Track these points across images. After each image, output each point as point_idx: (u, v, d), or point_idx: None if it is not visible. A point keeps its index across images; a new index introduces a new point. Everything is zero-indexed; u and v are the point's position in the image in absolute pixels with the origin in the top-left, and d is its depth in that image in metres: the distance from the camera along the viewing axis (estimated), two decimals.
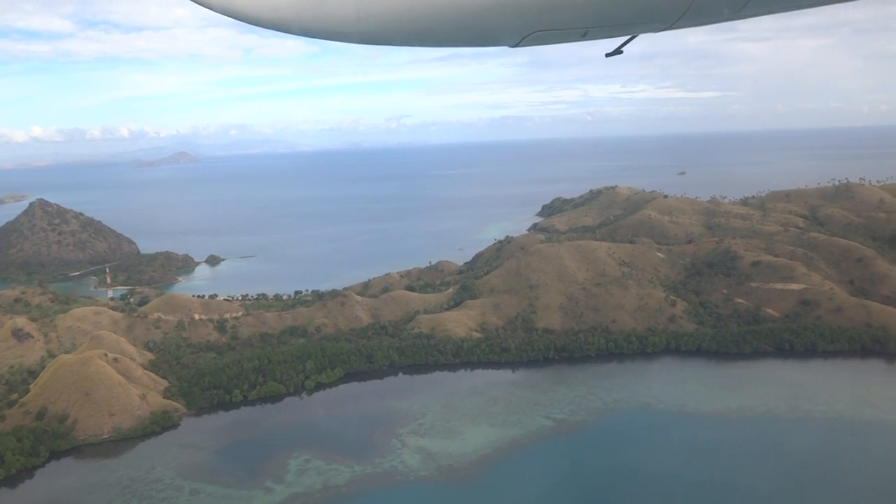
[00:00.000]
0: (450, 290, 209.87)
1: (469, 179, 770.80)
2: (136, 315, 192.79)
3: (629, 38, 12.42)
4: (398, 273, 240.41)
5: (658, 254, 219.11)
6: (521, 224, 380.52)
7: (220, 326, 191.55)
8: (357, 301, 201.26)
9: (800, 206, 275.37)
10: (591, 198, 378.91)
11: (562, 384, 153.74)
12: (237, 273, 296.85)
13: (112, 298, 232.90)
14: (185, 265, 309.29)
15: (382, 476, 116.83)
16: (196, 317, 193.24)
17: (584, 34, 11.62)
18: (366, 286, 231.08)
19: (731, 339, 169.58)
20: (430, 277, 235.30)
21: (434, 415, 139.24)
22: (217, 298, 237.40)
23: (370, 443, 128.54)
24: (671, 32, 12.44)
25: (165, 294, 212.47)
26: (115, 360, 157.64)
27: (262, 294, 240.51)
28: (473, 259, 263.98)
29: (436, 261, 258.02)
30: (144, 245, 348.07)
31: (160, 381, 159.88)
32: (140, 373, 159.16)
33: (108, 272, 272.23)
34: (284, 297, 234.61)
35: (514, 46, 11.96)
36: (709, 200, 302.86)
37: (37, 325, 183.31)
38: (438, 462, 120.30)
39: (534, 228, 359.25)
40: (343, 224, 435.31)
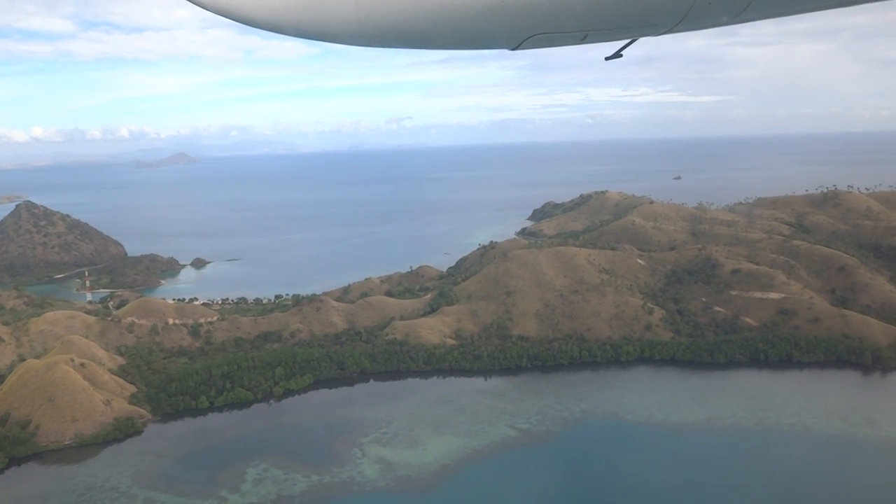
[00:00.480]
0: (428, 296, 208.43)
1: (465, 182, 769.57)
2: (110, 319, 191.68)
3: (629, 42, 12.48)
4: (379, 278, 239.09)
5: (639, 261, 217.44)
6: (511, 228, 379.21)
7: (194, 331, 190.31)
8: (333, 306, 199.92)
9: (787, 214, 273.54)
10: (581, 202, 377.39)
11: (531, 393, 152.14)
12: (221, 276, 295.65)
13: (90, 302, 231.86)
14: (170, 268, 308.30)
15: (338, 486, 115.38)
16: (170, 321, 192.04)
17: (584, 37, 11.65)
18: (345, 291, 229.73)
19: (706, 349, 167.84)
20: (411, 282, 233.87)
21: (398, 423, 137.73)
22: (196, 302, 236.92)
23: (331, 452, 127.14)
24: (672, 36, 12.56)
25: (140, 298, 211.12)
26: (82, 366, 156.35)
27: (243, 298, 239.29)
28: (457, 264, 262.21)
29: (422, 265, 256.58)
30: (133, 247, 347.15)
31: (127, 387, 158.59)
32: (107, 378, 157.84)
33: (87, 275, 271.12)
34: (265, 301, 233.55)
35: (514, 49, 12.00)
36: (695, 207, 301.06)
37: (9, 329, 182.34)
38: (397, 472, 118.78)
39: (522, 233, 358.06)
40: (334, 227, 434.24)
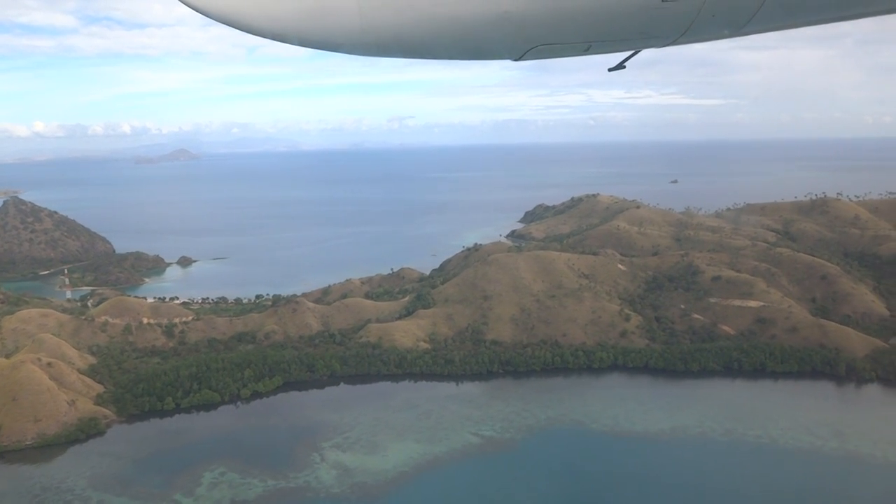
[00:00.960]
0: (405, 299, 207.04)
1: (463, 183, 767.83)
2: (84, 318, 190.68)
3: (632, 54, 12.53)
4: (359, 279, 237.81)
5: (620, 266, 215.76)
6: (502, 230, 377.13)
7: (168, 331, 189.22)
8: (309, 308, 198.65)
9: (774, 220, 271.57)
10: (572, 205, 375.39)
11: (499, 399, 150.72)
12: (206, 275, 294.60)
13: (69, 300, 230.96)
14: (156, 266, 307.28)
15: (293, 492, 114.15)
16: (144, 321, 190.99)
17: (587, 49, 11.72)
18: (325, 292, 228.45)
19: (679, 357, 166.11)
20: (392, 284, 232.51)
21: (362, 428, 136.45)
22: (176, 301, 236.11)
23: (290, 456, 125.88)
24: None
25: (115, 297, 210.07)
26: (49, 365, 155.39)
27: (223, 297, 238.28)
28: (441, 266, 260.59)
29: (406, 266, 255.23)
30: (123, 244, 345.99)
31: (95, 387, 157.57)
32: (74, 378, 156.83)
33: (66, 273, 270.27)
34: (244, 301, 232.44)
35: (517, 60, 12.05)
36: (682, 212, 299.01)
37: None
38: (353, 479, 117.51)
39: (511, 235, 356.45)
40: (326, 227, 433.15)
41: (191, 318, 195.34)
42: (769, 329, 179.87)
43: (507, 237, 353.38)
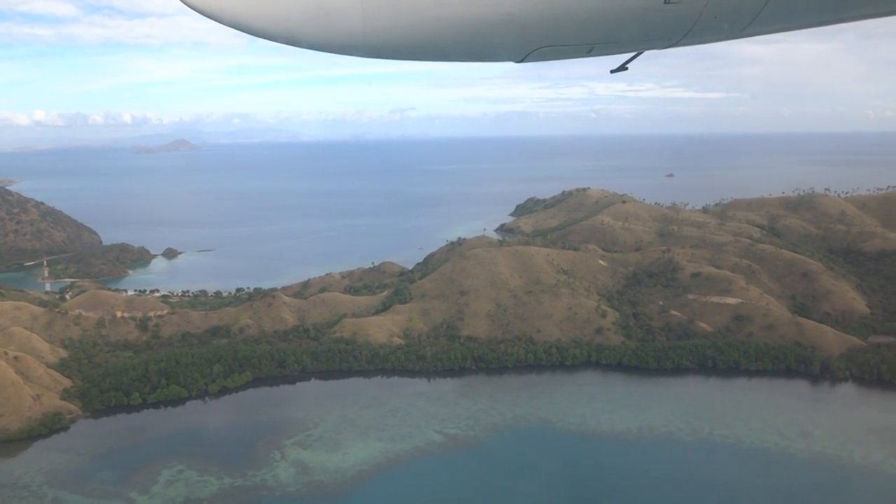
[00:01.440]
0: (383, 294, 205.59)
1: (460, 175, 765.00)
2: (57, 311, 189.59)
3: (634, 55, 12.55)
4: (340, 273, 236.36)
5: (600, 261, 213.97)
6: (492, 223, 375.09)
7: (142, 325, 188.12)
8: (285, 302, 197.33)
9: (760, 216, 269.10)
10: (562, 199, 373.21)
11: (468, 396, 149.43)
12: (191, 268, 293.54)
13: (47, 292, 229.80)
14: (141, 258, 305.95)
15: (249, 490, 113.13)
16: (118, 314, 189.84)
17: (590, 50, 11.71)
18: (305, 286, 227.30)
19: (653, 355, 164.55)
20: (372, 279, 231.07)
21: (326, 425, 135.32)
22: (156, 294, 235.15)
23: (251, 454, 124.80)
24: None
25: (90, 290, 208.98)
26: (16, 359, 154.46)
27: (203, 290, 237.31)
28: (425, 260, 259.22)
29: (388, 260, 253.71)
30: (111, 235, 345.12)
31: (63, 381, 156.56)
32: (41, 372, 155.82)
33: (46, 265, 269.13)
34: (225, 294, 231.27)
35: (519, 62, 12.13)
36: (668, 207, 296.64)
37: None
38: (311, 477, 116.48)
39: (500, 229, 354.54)
40: (316, 219, 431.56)
41: (165, 312, 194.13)
42: (746, 326, 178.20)
43: (496, 231, 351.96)
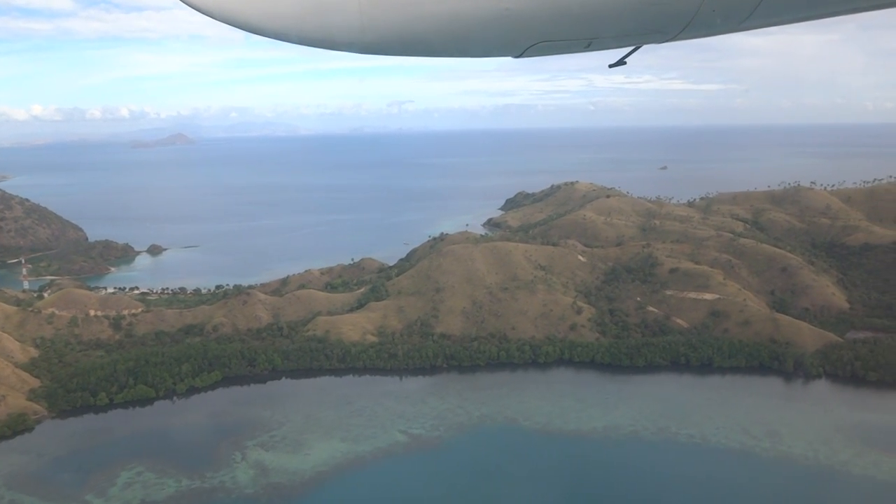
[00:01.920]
0: (360, 291, 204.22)
1: (454, 169, 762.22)
2: (31, 310, 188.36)
3: (633, 49, 12.54)
4: (319, 270, 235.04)
5: (580, 257, 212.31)
6: (480, 218, 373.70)
7: (116, 324, 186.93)
8: (260, 300, 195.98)
9: (744, 210, 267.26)
10: (550, 193, 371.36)
11: (436, 395, 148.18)
12: (174, 264, 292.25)
13: (24, 290, 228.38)
14: (125, 255, 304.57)
15: (205, 493, 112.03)
16: (91, 313, 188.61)
17: (588, 45, 11.67)
18: (284, 282, 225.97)
19: (626, 352, 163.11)
20: (351, 275, 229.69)
21: (291, 426, 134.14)
22: (136, 291, 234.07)
23: (212, 455, 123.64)
24: None
25: (64, 289, 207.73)
26: None
27: (182, 288, 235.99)
28: (408, 256, 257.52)
29: (368, 256, 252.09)
30: (96, 232, 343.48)
31: (31, 382, 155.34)
32: (9, 372, 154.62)
33: (24, 262, 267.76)
34: (204, 292, 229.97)
35: (518, 57, 12.09)
36: (652, 201, 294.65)
37: None
38: (269, 479, 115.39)
39: (488, 223, 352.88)
40: (305, 214, 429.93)
41: (140, 311, 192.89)
42: (723, 322, 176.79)
43: (484, 225, 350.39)
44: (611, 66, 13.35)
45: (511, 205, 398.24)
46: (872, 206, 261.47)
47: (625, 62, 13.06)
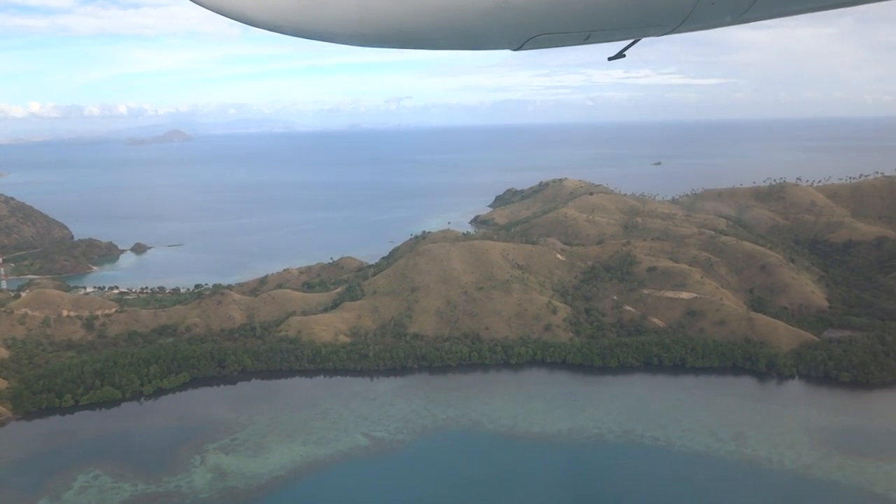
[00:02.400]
0: (336, 291, 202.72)
1: (448, 165, 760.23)
2: (3, 310, 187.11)
3: (631, 42, 12.60)
4: (298, 269, 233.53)
5: (558, 256, 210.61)
6: (468, 215, 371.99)
7: (89, 324, 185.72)
8: (234, 300, 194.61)
9: (729, 207, 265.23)
10: (539, 190, 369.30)
11: (404, 397, 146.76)
12: (157, 263, 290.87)
13: (2, 290, 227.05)
14: (108, 253, 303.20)
15: (160, 497, 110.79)
16: (64, 313, 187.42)
17: (587, 38, 11.68)
18: (262, 282, 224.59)
19: (598, 353, 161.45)
20: (330, 274, 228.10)
21: (254, 428, 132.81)
22: (115, 291, 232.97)
23: (171, 458, 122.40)
24: None
25: (37, 289, 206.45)
26: None
27: (161, 287, 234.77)
28: (390, 254, 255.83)
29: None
30: (82, 230, 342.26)
31: None
32: None
33: (1, 262, 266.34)
34: (183, 291, 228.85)
35: (516, 50, 12.13)
36: (636, 198, 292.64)
37: None
38: (226, 483, 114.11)
39: (475, 221, 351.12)
40: (294, 212, 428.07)
41: (113, 311, 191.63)
42: (699, 322, 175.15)
43: (471, 223, 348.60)
44: (610, 59, 13.38)
45: (500, 202, 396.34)
46: (858, 202, 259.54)
47: (624, 55, 13.09)
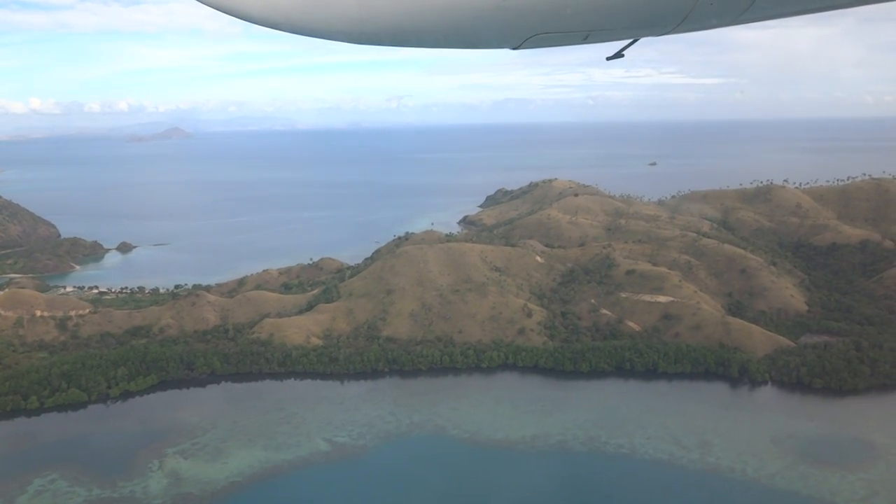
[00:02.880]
0: (313, 292, 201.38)
1: (445, 164, 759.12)
2: None
3: (630, 42, 12.65)
4: (277, 270, 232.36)
5: (537, 258, 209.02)
6: (457, 215, 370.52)
7: (62, 324, 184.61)
8: (209, 301, 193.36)
9: (714, 209, 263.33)
10: (528, 190, 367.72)
11: (371, 401, 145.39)
12: (141, 263, 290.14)
13: None
14: (93, 252, 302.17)
15: (113, 502, 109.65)
16: (38, 313, 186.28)
17: (586, 37, 11.75)
18: (241, 283, 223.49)
19: (569, 357, 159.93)
20: (310, 275, 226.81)
21: (216, 432, 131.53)
22: (94, 291, 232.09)
23: (130, 462, 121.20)
24: None
25: (9, 289, 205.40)
26: None
27: (141, 287, 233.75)
28: (373, 255, 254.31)
29: (323, 257, 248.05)
30: (70, 228, 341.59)
31: None
32: None
33: None
34: (162, 291, 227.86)
35: (515, 49, 12.18)
36: (622, 199, 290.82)
37: None
38: (181, 488, 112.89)
39: (463, 221, 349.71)
40: (284, 210, 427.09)
41: (87, 311, 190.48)
42: (674, 326, 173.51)
43: (459, 223, 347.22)
44: (608, 59, 13.37)
45: (491, 202, 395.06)
46: (845, 205, 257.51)
47: (622, 55, 13.06)
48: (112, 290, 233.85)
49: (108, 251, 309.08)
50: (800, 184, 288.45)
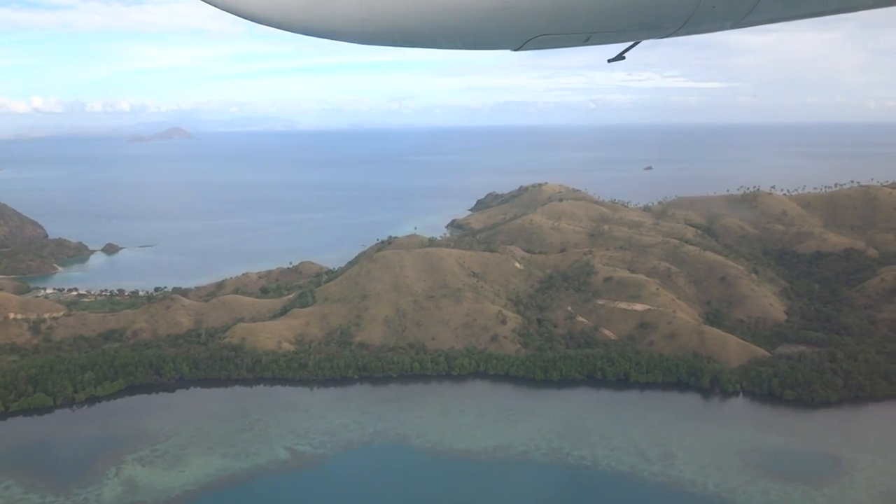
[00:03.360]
0: (289, 297, 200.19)
1: (440, 166, 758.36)
2: None
3: (632, 44, 12.67)
4: (257, 273, 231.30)
5: (516, 264, 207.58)
6: (446, 219, 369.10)
7: (35, 327, 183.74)
8: (183, 305, 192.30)
9: (699, 215, 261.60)
10: (518, 194, 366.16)
11: (337, 409, 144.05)
12: (126, 264, 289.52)
13: None
14: (78, 254, 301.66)
15: None
16: (10, 316, 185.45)
17: (587, 39, 11.79)
18: (220, 286, 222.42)
19: (540, 365, 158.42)
20: (288, 279, 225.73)
21: (177, 439, 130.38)
22: (74, 293, 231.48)
23: (87, 469, 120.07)
24: None
25: None
26: None
27: (121, 289, 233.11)
28: (356, 258, 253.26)
29: (303, 261, 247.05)
30: (57, 229, 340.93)
31: None
32: None
33: None
34: (141, 294, 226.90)
35: (516, 50, 12.22)
36: (607, 205, 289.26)
37: None
38: (135, 496, 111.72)
39: (451, 225, 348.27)
40: (275, 212, 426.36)
41: (61, 314, 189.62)
42: (649, 335, 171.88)
43: (448, 227, 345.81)
44: (610, 61, 13.42)
45: (481, 206, 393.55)
46: (831, 212, 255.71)
47: (624, 57, 13.05)
48: (91, 293, 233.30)
49: (93, 252, 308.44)
50: (787, 190, 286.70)
